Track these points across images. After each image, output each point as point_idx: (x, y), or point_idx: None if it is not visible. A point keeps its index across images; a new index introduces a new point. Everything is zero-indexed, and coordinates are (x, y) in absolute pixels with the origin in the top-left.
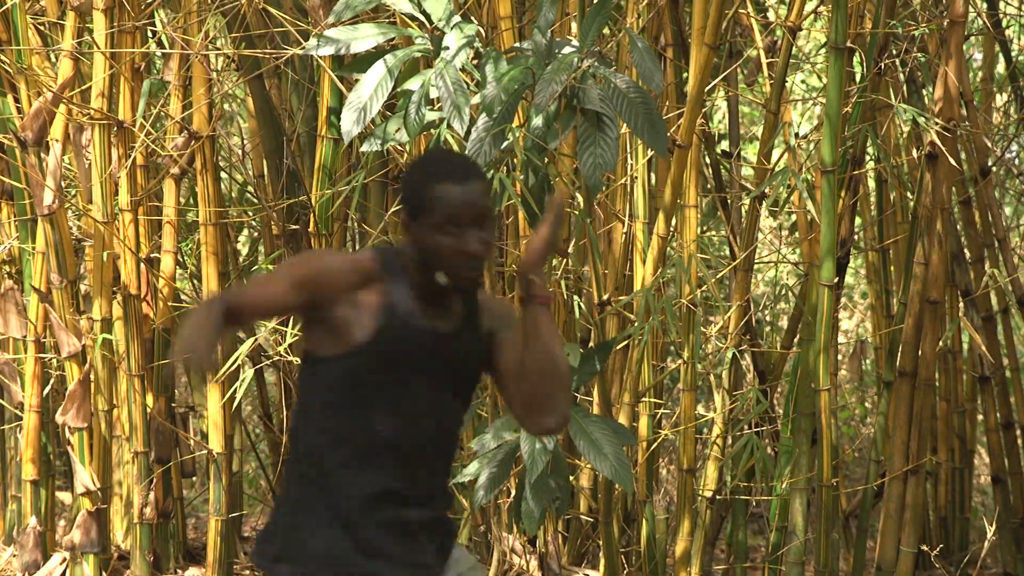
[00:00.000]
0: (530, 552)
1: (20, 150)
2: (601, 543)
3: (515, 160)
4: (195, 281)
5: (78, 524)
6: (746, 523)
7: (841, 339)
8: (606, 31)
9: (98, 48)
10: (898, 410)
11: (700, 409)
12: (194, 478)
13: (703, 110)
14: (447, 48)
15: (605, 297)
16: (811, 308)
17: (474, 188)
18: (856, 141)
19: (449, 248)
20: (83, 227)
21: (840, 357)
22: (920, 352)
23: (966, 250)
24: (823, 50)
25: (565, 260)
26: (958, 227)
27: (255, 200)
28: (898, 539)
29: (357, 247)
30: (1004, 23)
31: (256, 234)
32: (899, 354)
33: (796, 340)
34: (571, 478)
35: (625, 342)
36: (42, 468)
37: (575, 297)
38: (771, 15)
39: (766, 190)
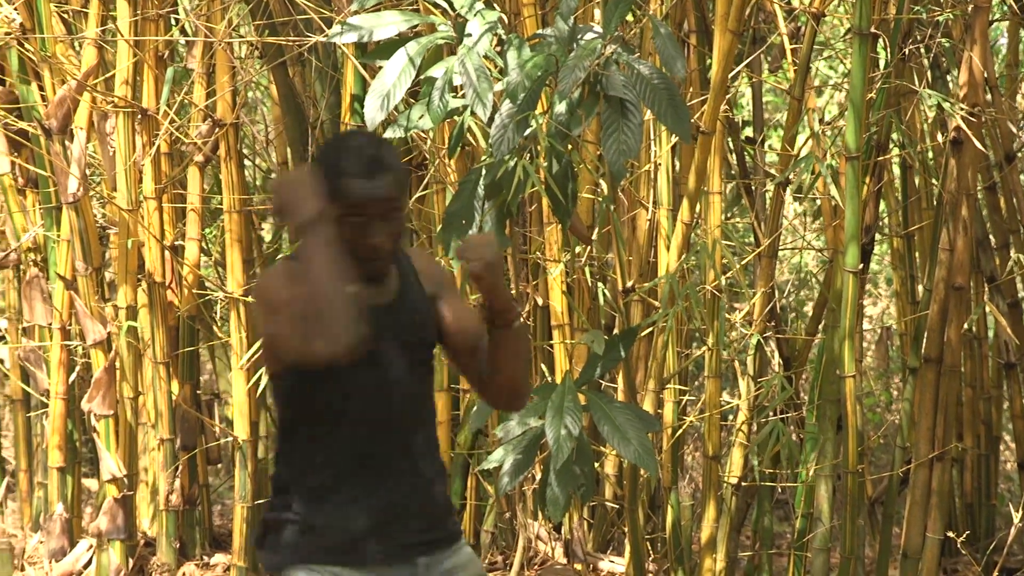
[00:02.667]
0: (555, 539)
1: (45, 138)
2: (626, 530)
3: (538, 147)
4: (219, 269)
5: (104, 511)
6: (771, 510)
7: (866, 325)
8: (629, 18)
9: (122, 36)
10: (923, 397)
11: (725, 396)
12: (219, 465)
13: (727, 96)
14: (470, 35)
15: (629, 284)
16: (836, 294)
17: (381, 183)
18: (880, 127)
19: (353, 239)
20: (108, 215)
21: (865, 344)
22: (945, 338)
23: (991, 236)
24: (847, 36)
25: (589, 247)
26: (983, 213)
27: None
28: (924, 526)
29: None
30: None
31: None
32: (924, 340)
33: (821, 326)
34: (596, 465)
35: (650, 329)
36: (68, 455)
37: (599, 284)
38: (795, 1)
39: (790, 176)
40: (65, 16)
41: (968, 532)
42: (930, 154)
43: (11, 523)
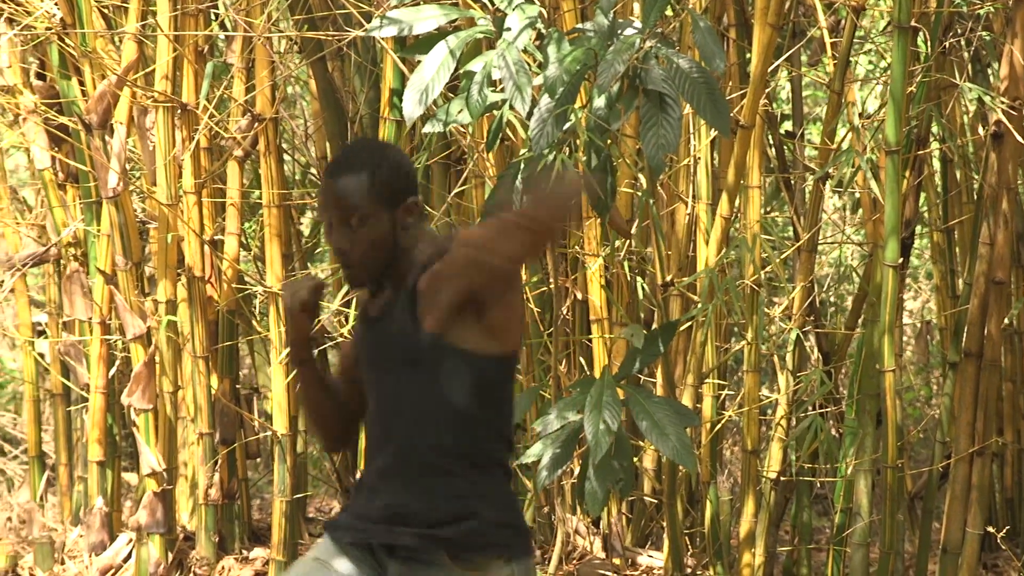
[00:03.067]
0: (594, 533)
1: (85, 133)
2: (665, 524)
3: (577, 141)
4: (259, 263)
5: (144, 505)
6: (810, 504)
7: (906, 320)
8: (668, 12)
9: (162, 31)
10: (964, 391)
11: (764, 390)
12: (259, 459)
13: (766, 90)
14: (509, 29)
15: (668, 278)
16: (875, 289)
17: (328, 185)
18: (921, 121)
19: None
20: (147, 209)
21: (905, 338)
22: (986, 332)
23: None
24: (887, 29)
25: (628, 241)
26: None
27: (318, 182)
28: (964, 521)
29: None
30: None
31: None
32: (964, 335)
33: (860, 321)
34: (635, 459)
35: (689, 323)
36: (108, 449)
37: (638, 278)
38: None
39: (830, 170)
40: (105, 11)
41: (1008, 527)
42: (970, 148)
43: (51, 517)
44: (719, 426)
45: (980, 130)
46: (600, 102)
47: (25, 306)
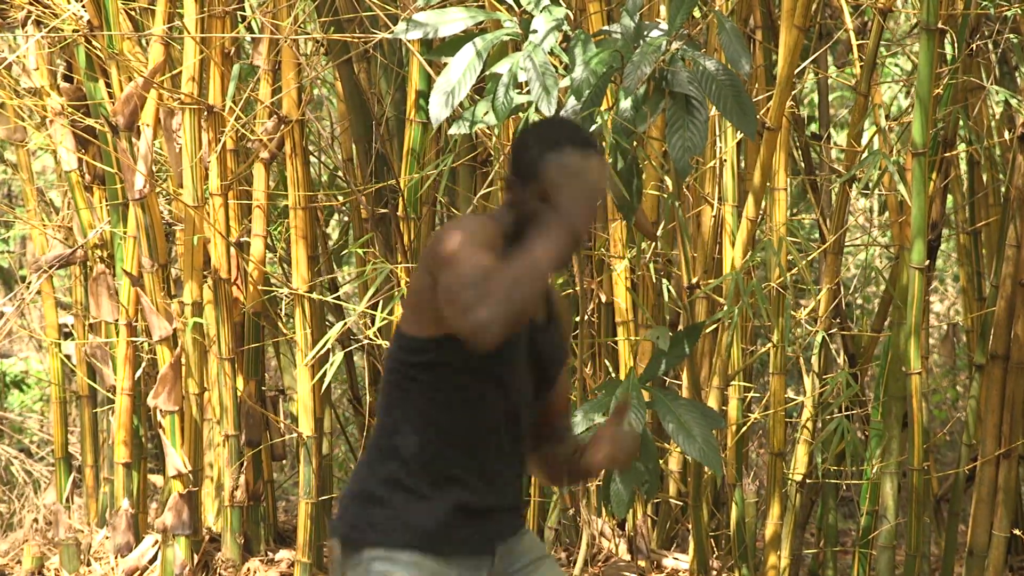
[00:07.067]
0: (619, 535)
1: (112, 135)
2: (690, 527)
3: (604, 143)
4: (285, 265)
5: (170, 506)
6: (836, 507)
7: (932, 322)
8: (695, 13)
9: (188, 33)
10: (990, 393)
11: (790, 392)
12: (284, 461)
13: (792, 92)
14: (535, 31)
15: (694, 280)
16: (902, 291)
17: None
18: (947, 123)
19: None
20: (174, 211)
21: (931, 340)
22: (1012, 335)
23: None
24: (914, 31)
25: (654, 243)
26: None
27: (344, 184)
28: (990, 523)
29: None
30: None
31: (345, 218)
32: (991, 337)
33: (887, 323)
34: (660, 462)
35: (714, 325)
36: (134, 451)
37: (664, 280)
38: None
39: (856, 172)
40: (132, 13)
41: None
42: (997, 150)
43: (77, 519)
44: (745, 428)
45: (1007, 132)
46: (626, 104)
47: (52, 308)
